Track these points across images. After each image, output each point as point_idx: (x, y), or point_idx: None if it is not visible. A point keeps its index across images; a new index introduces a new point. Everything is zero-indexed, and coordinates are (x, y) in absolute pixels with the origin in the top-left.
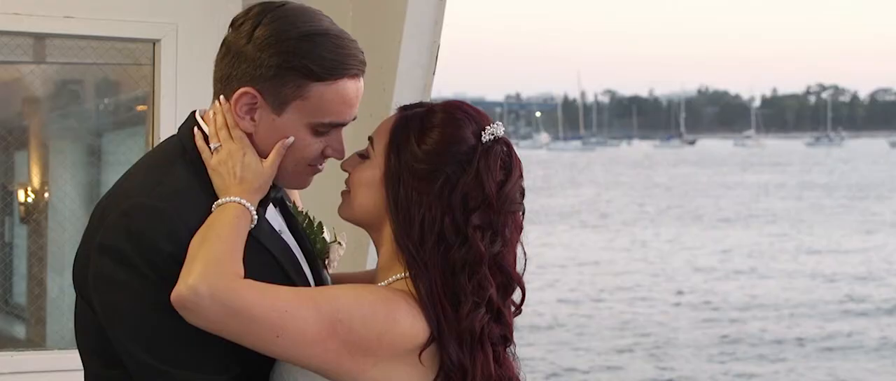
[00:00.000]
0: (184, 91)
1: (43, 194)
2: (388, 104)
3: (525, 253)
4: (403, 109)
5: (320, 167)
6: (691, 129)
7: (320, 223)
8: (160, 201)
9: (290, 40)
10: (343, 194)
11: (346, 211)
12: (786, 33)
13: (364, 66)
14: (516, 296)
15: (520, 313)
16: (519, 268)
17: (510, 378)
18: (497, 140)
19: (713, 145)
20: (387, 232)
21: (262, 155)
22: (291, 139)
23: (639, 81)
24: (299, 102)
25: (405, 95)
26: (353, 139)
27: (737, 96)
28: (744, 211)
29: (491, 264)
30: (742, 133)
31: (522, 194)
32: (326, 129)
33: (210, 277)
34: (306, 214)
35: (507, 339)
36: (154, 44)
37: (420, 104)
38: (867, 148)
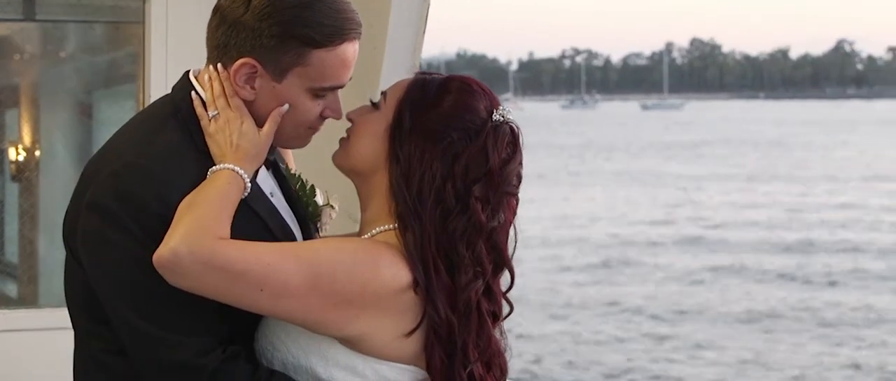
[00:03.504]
0: (174, 50)
1: (34, 153)
2: (379, 63)
3: (516, 237)
4: (422, 73)
5: (318, 127)
6: None
7: (313, 186)
8: (150, 160)
9: (289, 8)
10: (342, 140)
11: (342, 157)
12: None
13: (361, 27)
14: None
15: (511, 310)
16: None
17: (498, 353)
18: (506, 122)
19: None
20: (379, 184)
21: (262, 121)
22: (286, 107)
23: None
24: (300, 68)
25: (396, 54)
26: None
27: (494, 60)
28: None
29: (486, 239)
30: (500, 96)
31: (519, 180)
32: (325, 92)
33: (190, 237)
34: (299, 176)
35: (496, 316)
36: (144, 2)
37: (439, 73)
38: (620, 110)
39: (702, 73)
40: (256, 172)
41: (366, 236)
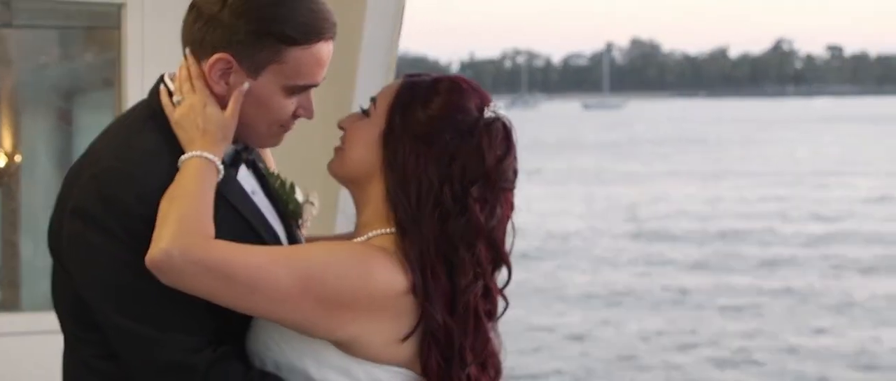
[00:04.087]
0: (150, 55)
1: (14, 158)
2: (355, 63)
3: (514, 233)
4: (409, 75)
5: (290, 126)
6: None
7: (292, 184)
8: (128, 164)
9: (266, 6)
10: (336, 150)
11: (338, 166)
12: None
13: (336, 27)
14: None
15: (506, 306)
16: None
17: (493, 354)
18: (498, 118)
19: None
20: (374, 191)
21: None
22: (246, 86)
23: None
24: (275, 65)
25: (372, 53)
26: (314, 96)
27: (436, 62)
28: None
29: (485, 238)
30: None
31: (515, 174)
32: (299, 90)
33: (181, 238)
34: (278, 175)
35: (492, 315)
36: (119, 8)
37: (427, 74)
38: (561, 110)
39: (642, 72)
40: (237, 170)
41: (361, 239)
